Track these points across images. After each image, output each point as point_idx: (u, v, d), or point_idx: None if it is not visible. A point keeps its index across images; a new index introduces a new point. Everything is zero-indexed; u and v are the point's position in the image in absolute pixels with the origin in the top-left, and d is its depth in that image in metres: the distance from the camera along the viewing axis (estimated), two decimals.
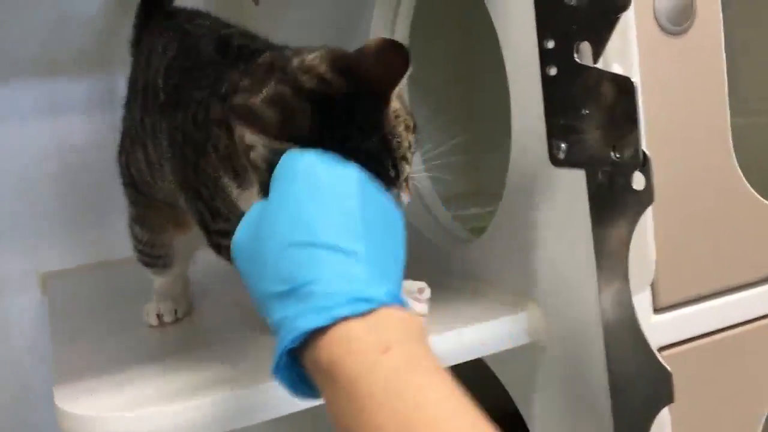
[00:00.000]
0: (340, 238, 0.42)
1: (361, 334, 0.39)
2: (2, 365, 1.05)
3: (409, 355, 0.39)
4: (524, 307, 0.68)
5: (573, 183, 0.60)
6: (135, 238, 0.79)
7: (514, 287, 0.70)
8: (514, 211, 0.69)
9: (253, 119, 0.50)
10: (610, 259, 0.58)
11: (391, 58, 0.52)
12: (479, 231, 0.85)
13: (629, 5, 0.52)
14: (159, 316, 0.76)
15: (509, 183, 0.69)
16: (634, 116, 0.53)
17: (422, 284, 0.77)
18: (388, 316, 0.40)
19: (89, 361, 0.67)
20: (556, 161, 0.61)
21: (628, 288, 0.58)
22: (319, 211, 0.43)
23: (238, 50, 0.63)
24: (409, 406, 0.37)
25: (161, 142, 0.67)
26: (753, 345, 0.66)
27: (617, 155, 0.55)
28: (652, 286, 0.61)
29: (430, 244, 0.86)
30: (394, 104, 0.52)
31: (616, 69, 0.58)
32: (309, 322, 0.40)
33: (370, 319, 0.40)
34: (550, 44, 0.59)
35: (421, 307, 0.67)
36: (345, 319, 0.39)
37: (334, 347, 0.39)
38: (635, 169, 0.54)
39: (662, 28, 0.60)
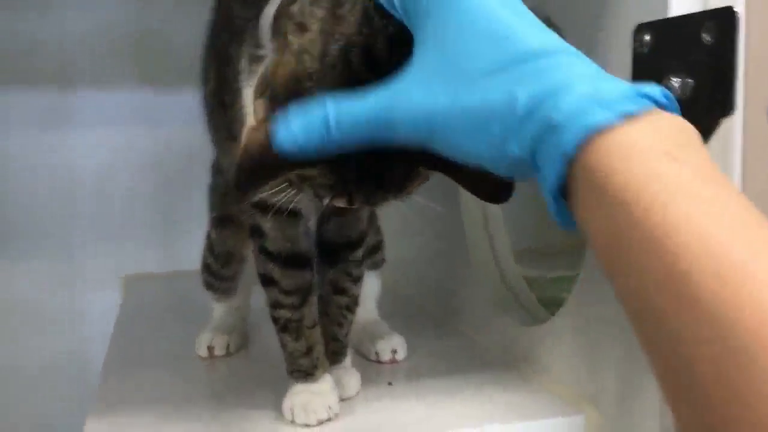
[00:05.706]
0: (559, 42, 0.36)
1: (641, 138, 0.32)
2: (74, 362, 1.10)
3: (699, 167, 0.32)
4: (581, 409, 0.62)
5: None
6: (208, 249, 0.79)
7: (574, 382, 0.64)
8: (585, 302, 0.64)
9: None
10: None
11: None
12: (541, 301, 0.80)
13: (734, 110, 0.46)
14: (210, 349, 0.76)
15: (586, 267, 0.64)
16: None
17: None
18: (666, 119, 0.34)
19: (131, 391, 0.68)
20: None
21: None
22: (521, 20, 0.37)
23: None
24: (705, 229, 0.29)
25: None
26: None
27: None
28: None
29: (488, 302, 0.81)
30: None
31: None
32: (597, 117, 0.33)
33: (649, 120, 0.33)
34: None
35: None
36: (627, 118, 0.33)
37: (613, 153, 0.32)
38: None
39: None
